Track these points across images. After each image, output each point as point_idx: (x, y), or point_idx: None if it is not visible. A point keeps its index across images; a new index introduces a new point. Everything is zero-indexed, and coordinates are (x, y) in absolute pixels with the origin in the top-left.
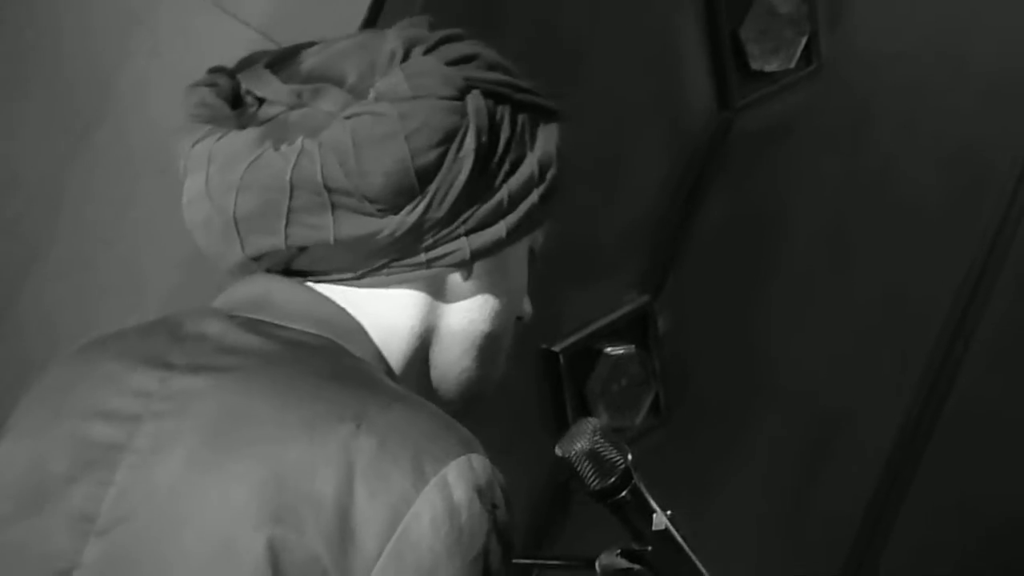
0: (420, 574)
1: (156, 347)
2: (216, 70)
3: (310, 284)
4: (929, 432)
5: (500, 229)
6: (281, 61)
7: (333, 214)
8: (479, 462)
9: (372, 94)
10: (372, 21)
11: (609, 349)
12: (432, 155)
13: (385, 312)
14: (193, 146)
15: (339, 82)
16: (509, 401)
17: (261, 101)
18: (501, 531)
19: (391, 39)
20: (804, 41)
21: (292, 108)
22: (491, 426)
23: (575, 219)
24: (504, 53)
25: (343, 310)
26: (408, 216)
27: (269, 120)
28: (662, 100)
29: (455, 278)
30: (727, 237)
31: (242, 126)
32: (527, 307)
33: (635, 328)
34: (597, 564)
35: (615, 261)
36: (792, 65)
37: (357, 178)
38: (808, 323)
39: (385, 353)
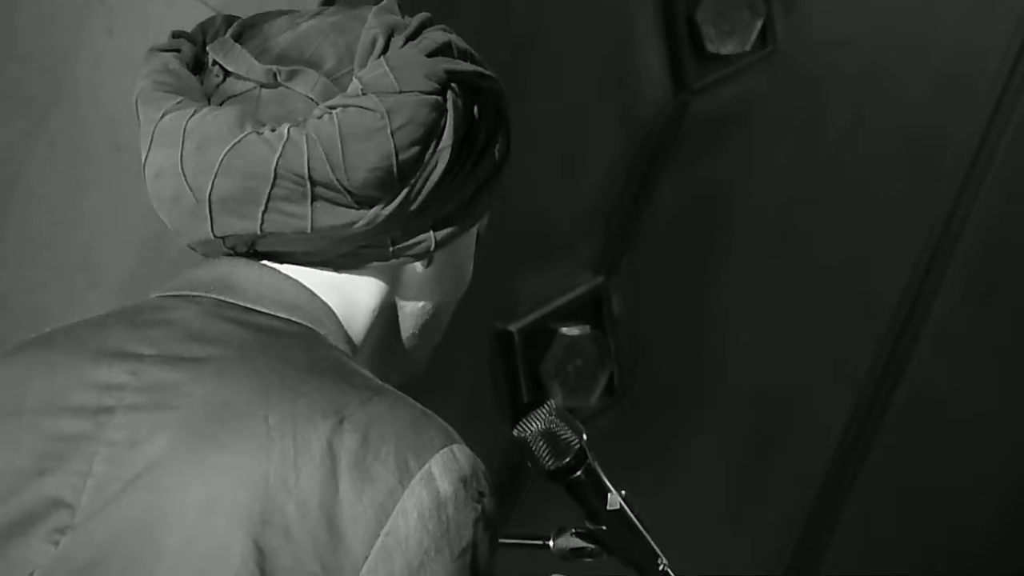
0: (410, 570)
1: (116, 338)
2: (179, 35)
3: (274, 265)
4: (878, 422)
5: (463, 220)
6: (248, 32)
7: (312, 204)
8: (462, 452)
9: (357, 85)
10: (330, 2)
11: (564, 329)
12: (414, 151)
13: (348, 294)
14: (162, 117)
15: (315, 65)
16: (464, 380)
17: (226, 72)
18: (488, 520)
19: (370, 24)
20: (760, 24)
21: (264, 86)
22: (446, 405)
23: (531, 201)
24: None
25: (311, 292)
26: (384, 209)
27: (238, 95)
28: (617, 83)
29: (414, 265)
30: (681, 219)
31: (207, 96)
32: (467, 281)
33: (590, 309)
34: (551, 543)
35: (570, 242)
36: (748, 48)
37: (342, 172)
38: (759, 307)
39: (349, 334)
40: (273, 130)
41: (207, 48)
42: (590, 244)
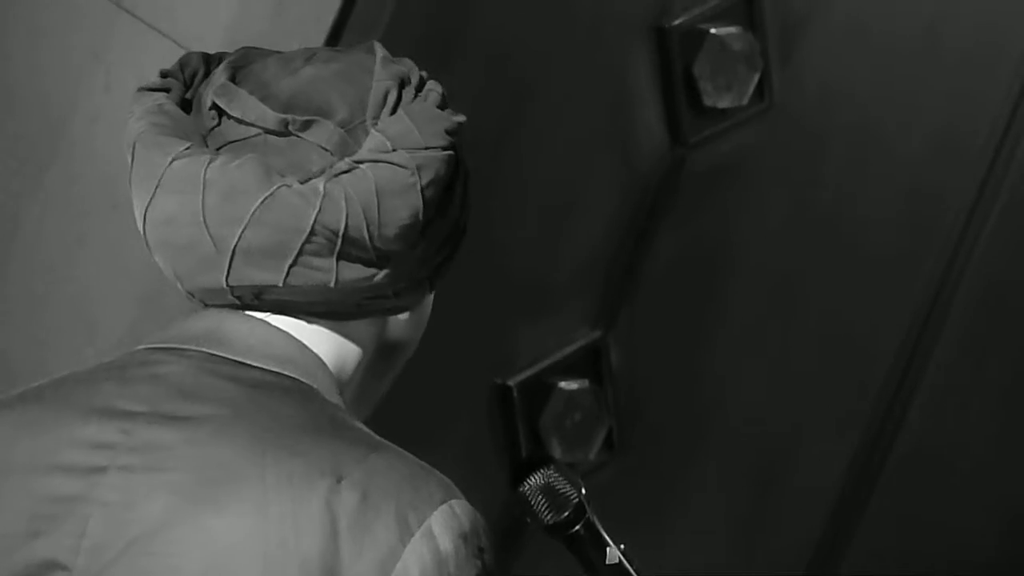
0: None
1: (105, 394)
2: (167, 74)
3: (263, 317)
4: (875, 476)
5: (448, 263)
6: (241, 74)
7: (339, 259)
8: (462, 508)
9: (383, 140)
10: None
11: (562, 384)
12: (435, 207)
13: (340, 344)
14: (171, 162)
15: (327, 115)
16: (462, 434)
17: (221, 114)
18: (489, 575)
19: (379, 75)
20: (757, 78)
21: (270, 133)
22: (445, 460)
23: (528, 255)
24: (460, 90)
25: (303, 345)
26: (400, 263)
27: (240, 141)
28: (614, 136)
29: (402, 315)
30: (678, 273)
31: (202, 137)
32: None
33: (588, 363)
34: None
35: (568, 296)
36: (745, 102)
37: (376, 227)
38: (757, 359)
39: (339, 385)
40: (303, 182)
41: (201, 89)
42: (588, 298)
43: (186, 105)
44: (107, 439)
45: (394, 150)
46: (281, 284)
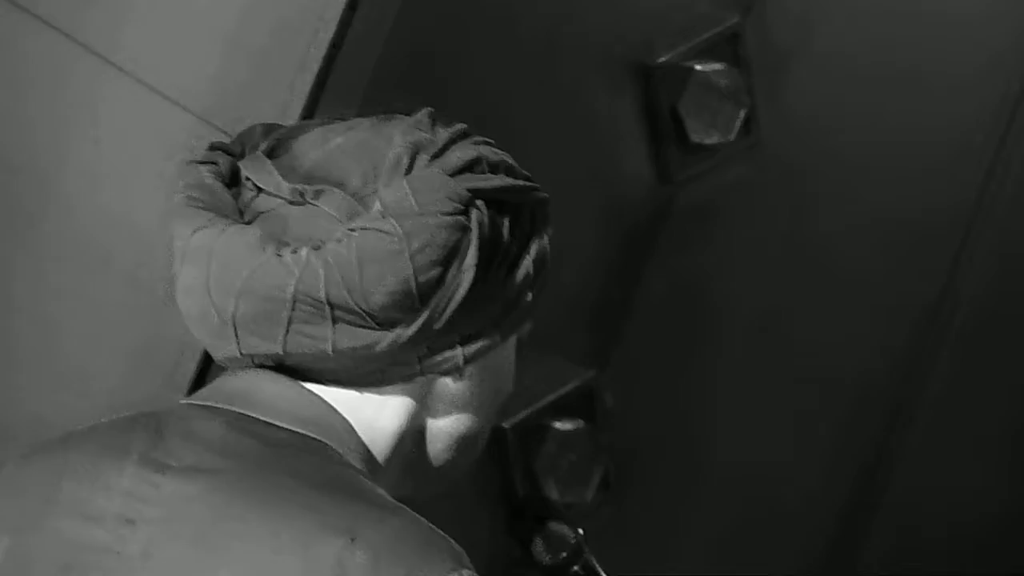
0: None
1: (140, 446)
2: (216, 147)
3: (299, 382)
4: (870, 514)
5: (495, 333)
6: (281, 147)
7: (333, 327)
8: None
9: (377, 206)
10: (311, 108)
11: (557, 424)
12: (434, 272)
13: (373, 412)
14: (193, 234)
15: (340, 184)
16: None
17: (259, 187)
18: None
19: (396, 142)
20: (743, 114)
21: (292, 203)
22: (440, 503)
23: None
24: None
25: (332, 409)
26: (406, 330)
27: (267, 212)
28: (601, 176)
29: (445, 380)
30: (669, 311)
31: (240, 211)
32: (510, 389)
33: (582, 403)
34: None
35: (560, 337)
36: (732, 138)
37: (359, 295)
38: (750, 395)
39: (372, 451)
40: (294, 252)
41: (239, 163)
42: (579, 338)
43: (236, 178)
44: (139, 491)
45: (384, 217)
46: (282, 352)
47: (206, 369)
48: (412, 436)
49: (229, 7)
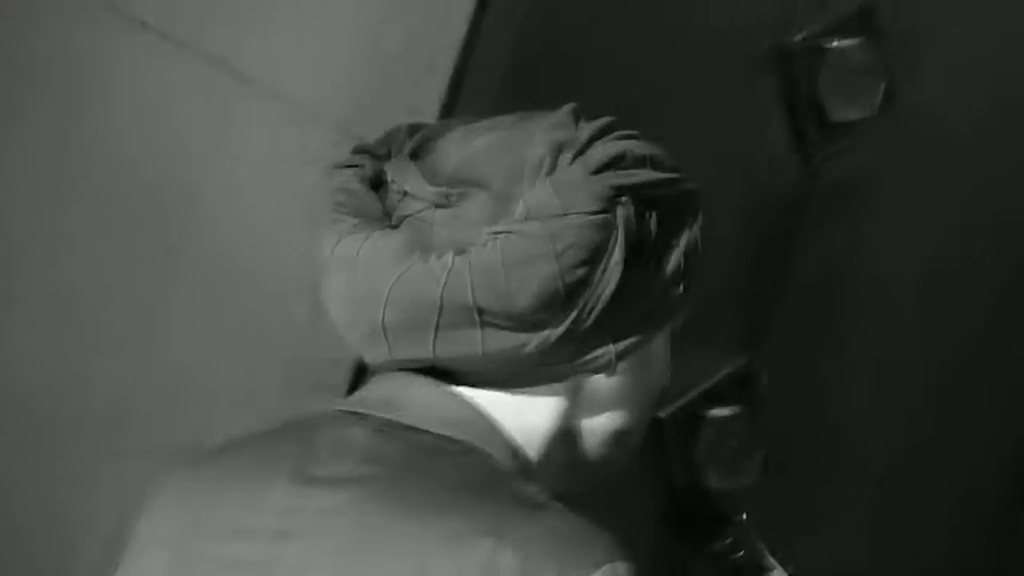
0: None
1: (293, 458)
2: (361, 150)
3: (447, 386)
4: None
5: (646, 328)
6: (425, 147)
7: (482, 331)
8: (625, 569)
9: (521, 208)
10: (450, 107)
11: (714, 412)
12: (580, 272)
13: (524, 414)
14: (339, 241)
15: (484, 185)
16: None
17: (404, 191)
18: None
19: (538, 141)
20: (883, 87)
21: (438, 206)
22: (597, 498)
23: None
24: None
25: (480, 412)
26: (555, 331)
27: (412, 215)
28: (743, 160)
29: (597, 378)
30: (819, 290)
31: (387, 214)
32: (665, 381)
33: (738, 389)
34: None
35: (711, 323)
36: (871, 113)
37: (506, 299)
38: (906, 372)
39: (524, 451)
40: (439, 257)
41: (385, 167)
42: (731, 324)
43: (382, 181)
44: (293, 504)
45: (528, 219)
46: (432, 357)
47: (359, 377)
48: (565, 435)
49: (359, 14)
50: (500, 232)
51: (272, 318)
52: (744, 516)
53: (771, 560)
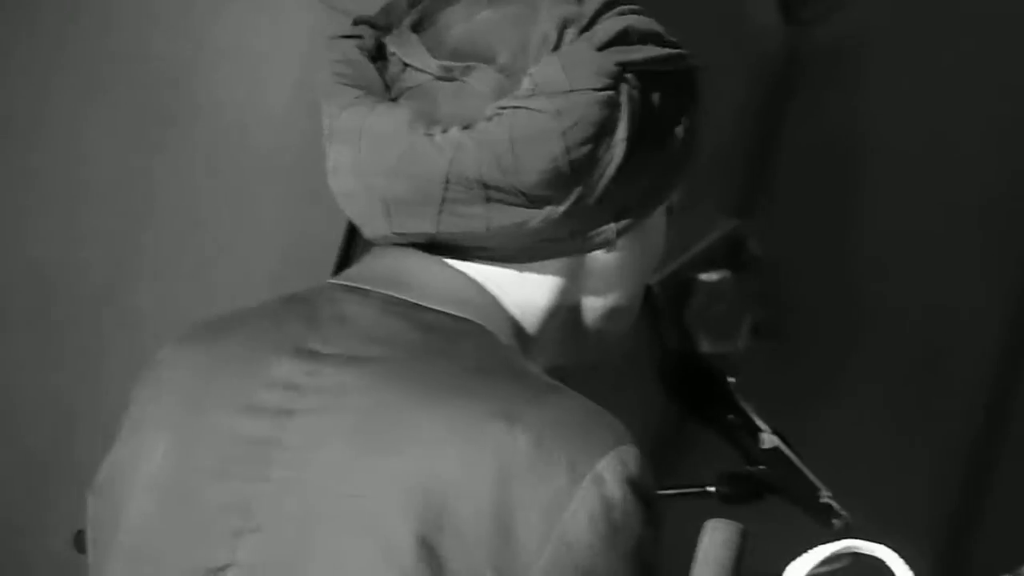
0: (580, 571)
1: (293, 334)
2: (361, 20)
3: (448, 261)
4: None
5: (646, 205)
6: (426, 21)
7: (486, 205)
8: (630, 454)
9: (527, 83)
10: None
11: (704, 276)
12: (586, 148)
13: (524, 288)
14: (342, 112)
15: (489, 59)
16: None
17: (406, 63)
18: (654, 518)
19: (543, 16)
20: None
21: (439, 79)
22: (594, 373)
23: None
24: None
25: (482, 288)
26: (559, 206)
27: (415, 88)
28: (728, 20)
29: (596, 254)
30: (812, 155)
31: (388, 86)
32: (660, 254)
33: (728, 253)
34: (714, 488)
35: (702, 188)
36: None
37: (512, 175)
38: (902, 238)
39: (523, 326)
40: (444, 131)
41: (385, 39)
42: (722, 188)
43: (382, 52)
44: (297, 380)
45: (534, 94)
46: (435, 232)
47: (348, 251)
48: (565, 309)
49: None
50: (507, 107)
51: (268, 195)
52: (732, 380)
53: (759, 421)
